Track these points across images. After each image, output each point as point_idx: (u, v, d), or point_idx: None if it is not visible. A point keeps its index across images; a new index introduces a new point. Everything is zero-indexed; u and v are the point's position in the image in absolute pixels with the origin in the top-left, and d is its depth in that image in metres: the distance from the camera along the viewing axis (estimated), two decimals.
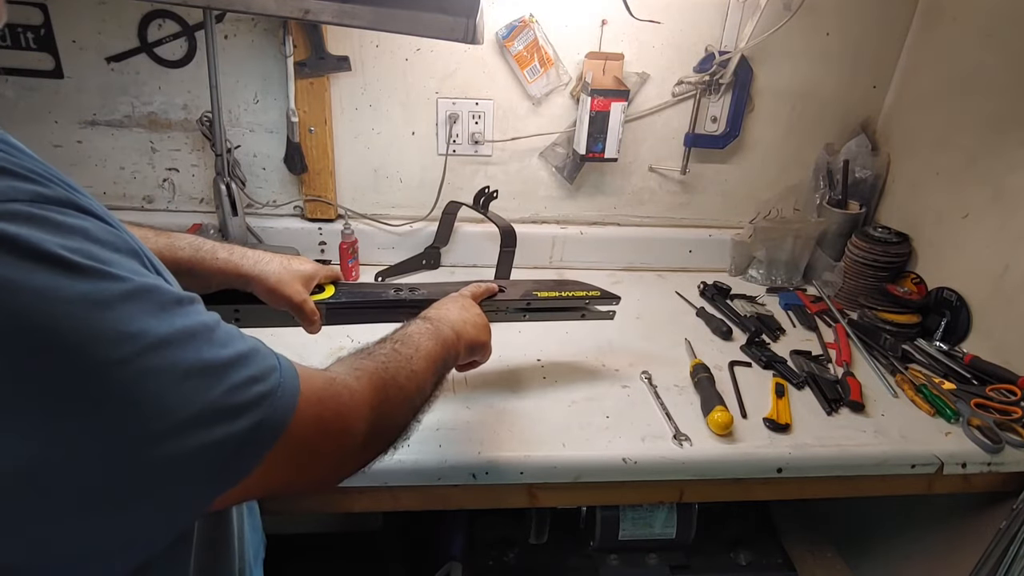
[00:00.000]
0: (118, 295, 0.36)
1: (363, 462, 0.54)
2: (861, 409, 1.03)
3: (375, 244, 1.40)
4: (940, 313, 1.24)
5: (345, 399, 0.50)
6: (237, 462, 0.41)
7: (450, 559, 1.26)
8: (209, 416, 0.39)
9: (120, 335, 0.36)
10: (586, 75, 1.29)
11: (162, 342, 0.37)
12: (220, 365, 0.40)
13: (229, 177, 1.24)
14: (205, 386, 0.39)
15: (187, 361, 0.38)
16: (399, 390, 0.58)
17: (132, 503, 0.37)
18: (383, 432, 0.56)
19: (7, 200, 0.34)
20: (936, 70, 1.31)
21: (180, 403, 0.37)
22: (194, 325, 0.40)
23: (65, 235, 0.35)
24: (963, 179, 1.23)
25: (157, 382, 0.37)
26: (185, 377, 0.38)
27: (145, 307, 0.37)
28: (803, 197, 1.48)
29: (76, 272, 0.35)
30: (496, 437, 0.91)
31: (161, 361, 0.37)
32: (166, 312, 0.39)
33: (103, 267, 0.36)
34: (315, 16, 0.98)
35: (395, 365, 0.59)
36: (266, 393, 0.42)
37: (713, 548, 1.33)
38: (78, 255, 0.35)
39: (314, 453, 0.47)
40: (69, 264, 0.34)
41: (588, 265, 1.48)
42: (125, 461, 0.36)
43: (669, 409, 0.99)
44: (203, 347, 0.40)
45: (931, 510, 1.19)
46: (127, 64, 1.23)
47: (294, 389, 0.45)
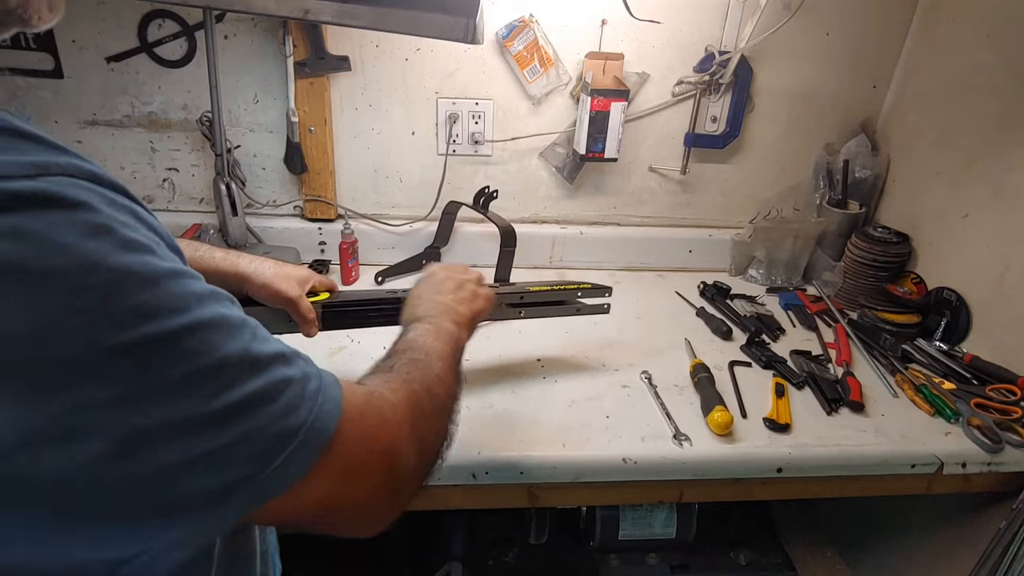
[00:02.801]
0: (165, 273, 0.36)
1: (418, 477, 0.53)
2: (861, 409, 1.03)
3: (375, 244, 1.40)
4: (940, 313, 1.24)
5: (387, 415, 0.49)
6: (284, 462, 0.39)
7: (450, 559, 1.26)
8: (255, 405, 0.38)
9: (167, 309, 0.35)
10: (586, 75, 1.29)
11: (205, 323, 0.37)
12: (265, 358, 0.40)
13: (229, 177, 1.24)
14: (243, 377, 0.38)
15: (228, 347, 0.38)
16: (432, 399, 0.56)
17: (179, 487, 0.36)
18: (428, 445, 0.54)
19: (68, 175, 0.34)
20: (936, 70, 1.31)
21: (216, 387, 0.37)
22: (234, 316, 0.40)
23: (119, 211, 0.36)
24: (963, 179, 1.23)
25: (196, 362, 0.36)
26: (225, 362, 0.37)
27: (187, 288, 0.37)
28: (803, 197, 1.48)
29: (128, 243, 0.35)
30: (496, 437, 0.91)
31: (200, 341, 0.36)
32: (207, 298, 0.38)
33: (153, 246, 0.36)
34: (315, 16, 0.98)
35: (419, 375, 0.57)
36: (311, 393, 0.42)
37: (713, 548, 1.33)
38: (126, 228, 0.35)
39: (363, 466, 0.45)
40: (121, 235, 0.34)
41: (588, 265, 1.48)
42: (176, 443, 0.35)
43: (669, 409, 0.99)
44: (247, 338, 0.39)
45: (931, 510, 1.19)
46: (127, 64, 1.23)
47: (336, 396, 0.44)
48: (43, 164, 0.33)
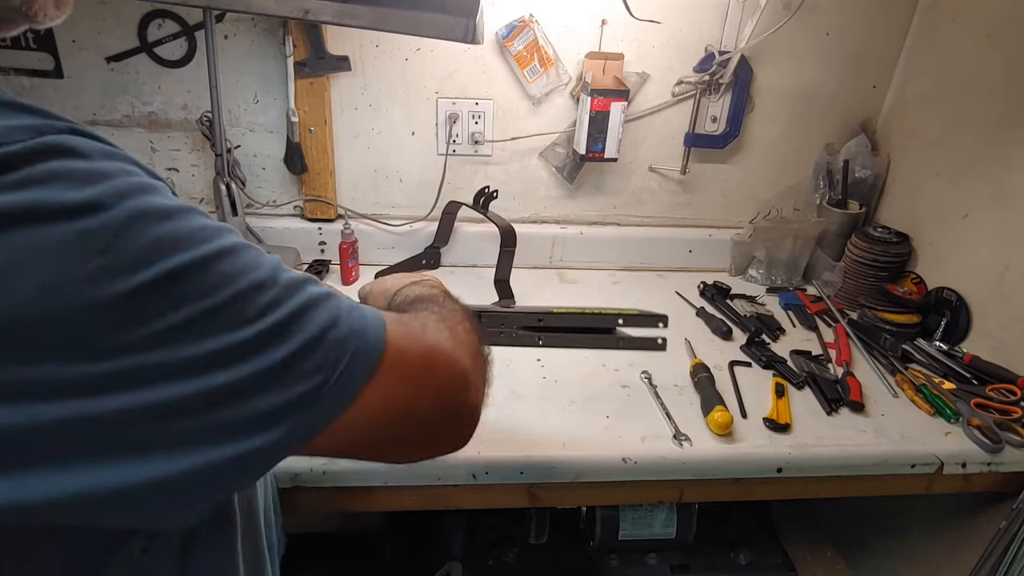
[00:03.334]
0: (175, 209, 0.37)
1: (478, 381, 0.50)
2: (861, 409, 1.03)
3: (375, 244, 1.40)
4: (940, 313, 1.24)
5: (430, 325, 0.49)
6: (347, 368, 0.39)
7: (450, 559, 1.26)
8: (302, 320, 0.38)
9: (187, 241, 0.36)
10: (586, 75, 1.29)
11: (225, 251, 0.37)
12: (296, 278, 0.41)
13: (229, 177, 1.24)
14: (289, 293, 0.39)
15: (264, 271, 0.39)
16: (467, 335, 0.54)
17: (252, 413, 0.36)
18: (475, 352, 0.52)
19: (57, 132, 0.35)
20: (936, 70, 1.31)
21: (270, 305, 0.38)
22: (253, 248, 0.41)
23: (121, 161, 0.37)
24: (963, 179, 1.23)
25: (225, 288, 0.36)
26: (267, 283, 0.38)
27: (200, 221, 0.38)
28: (803, 197, 1.48)
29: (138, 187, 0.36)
30: (496, 437, 0.91)
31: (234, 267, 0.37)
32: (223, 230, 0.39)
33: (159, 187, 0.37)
34: (315, 16, 0.98)
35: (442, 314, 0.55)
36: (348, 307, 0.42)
37: (713, 548, 1.33)
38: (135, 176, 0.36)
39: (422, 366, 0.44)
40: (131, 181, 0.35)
41: (588, 265, 1.48)
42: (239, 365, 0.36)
43: (669, 409, 0.99)
44: (275, 263, 0.40)
45: (931, 510, 1.19)
46: (127, 64, 1.23)
47: (373, 310, 0.44)
48: (40, 127, 0.34)
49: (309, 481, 0.85)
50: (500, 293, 1.23)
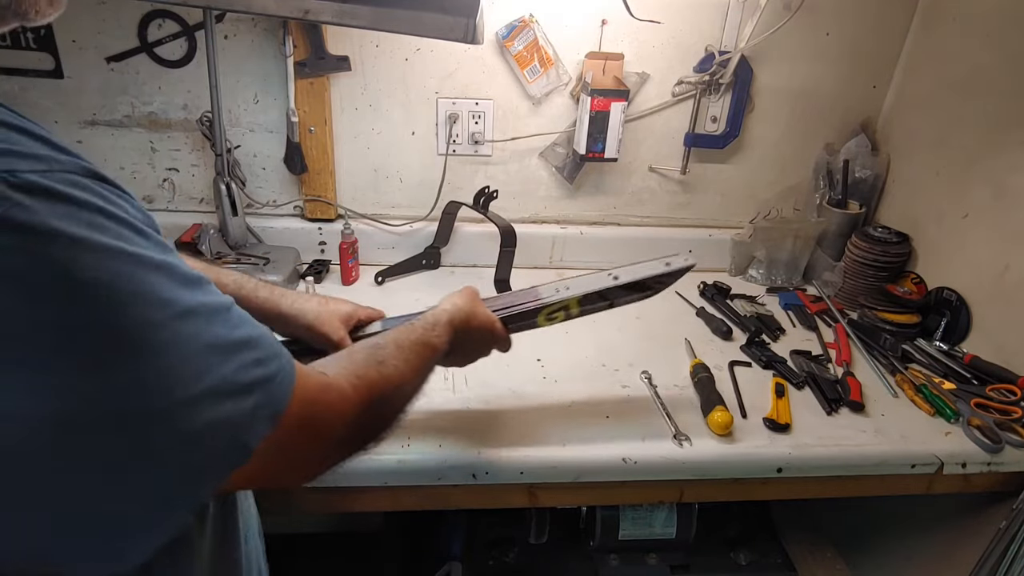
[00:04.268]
0: (155, 263, 0.39)
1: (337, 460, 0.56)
2: (861, 409, 1.03)
3: (375, 244, 1.40)
4: (940, 313, 1.24)
5: (336, 403, 0.52)
6: (244, 439, 0.42)
7: (450, 559, 1.26)
8: (222, 390, 0.41)
9: (159, 299, 0.38)
10: (586, 75, 1.29)
11: (188, 312, 0.40)
12: (233, 343, 0.42)
13: (229, 177, 1.24)
14: (219, 361, 0.41)
15: (207, 334, 0.41)
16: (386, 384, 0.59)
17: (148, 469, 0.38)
18: (361, 435, 0.58)
19: (67, 171, 0.36)
20: (936, 70, 1.31)
21: (198, 374, 0.39)
22: (212, 302, 0.42)
23: (113, 205, 0.38)
24: (963, 179, 1.23)
25: (181, 350, 0.39)
26: (205, 350, 0.40)
27: (175, 278, 0.40)
28: (803, 197, 1.48)
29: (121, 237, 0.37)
30: (496, 437, 0.91)
31: (187, 330, 0.39)
32: (189, 286, 0.41)
33: (135, 236, 0.38)
34: (315, 16, 0.98)
35: (389, 372, 0.60)
36: (270, 376, 0.45)
37: (713, 548, 1.33)
38: (121, 224, 0.38)
39: (301, 444, 0.49)
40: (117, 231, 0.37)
41: (588, 265, 1.48)
42: (147, 423, 0.37)
43: (669, 409, 0.99)
44: (220, 324, 0.42)
45: (931, 510, 1.19)
46: (127, 64, 1.23)
47: (292, 379, 0.47)
48: (47, 159, 0.35)
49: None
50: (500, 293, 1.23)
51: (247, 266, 1.23)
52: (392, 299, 1.29)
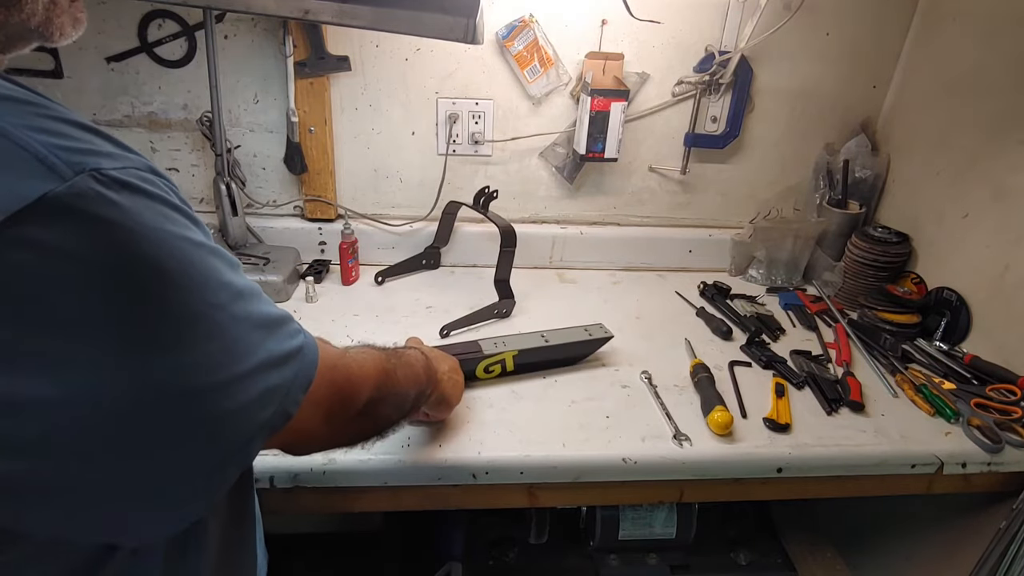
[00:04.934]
0: (212, 249, 0.42)
1: (357, 431, 0.61)
2: (861, 409, 1.03)
3: (375, 244, 1.40)
4: (940, 313, 1.24)
5: (354, 369, 0.58)
6: (286, 404, 0.47)
7: (450, 559, 1.26)
8: (270, 362, 0.45)
9: (220, 282, 0.42)
10: (586, 75, 1.29)
11: (240, 294, 0.43)
12: (273, 319, 0.47)
13: (229, 177, 1.24)
14: (265, 335, 0.45)
15: (255, 312, 0.45)
16: (396, 384, 0.65)
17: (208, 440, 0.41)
18: (377, 411, 0.62)
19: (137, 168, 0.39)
20: (936, 70, 1.31)
21: (252, 348, 0.44)
22: (252, 284, 0.46)
23: (174, 197, 0.41)
24: (963, 179, 1.23)
25: (239, 328, 0.43)
26: (255, 326, 0.44)
27: (226, 262, 0.43)
28: (803, 197, 1.48)
29: (188, 227, 0.41)
30: (496, 437, 0.91)
31: (241, 310, 0.43)
32: (236, 270, 0.45)
33: (192, 224, 0.42)
34: (315, 16, 0.98)
35: (395, 364, 0.66)
36: (301, 346, 0.49)
37: (713, 548, 1.33)
38: (184, 214, 0.41)
39: (322, 409, 0.52)
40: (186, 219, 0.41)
41: (588, 265, 1.48)
42: (210, 397, 0.40)
43: (669, 409, 0.99)
44: (262, 303, 0.46)
45: (931, 510, 1.19)
46: (127, 64, 1.23)
47: (315, 352, 0.51)
48: (123, 157, 0.39)
49: (309, 481, 0.85)
50: (500, 293, 1.23)
51: (247, 266, 1.23)
52: (392, 299, 1.29)
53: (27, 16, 0.42)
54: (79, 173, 0.35)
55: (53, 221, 0.33)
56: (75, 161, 0.35)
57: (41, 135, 0.35)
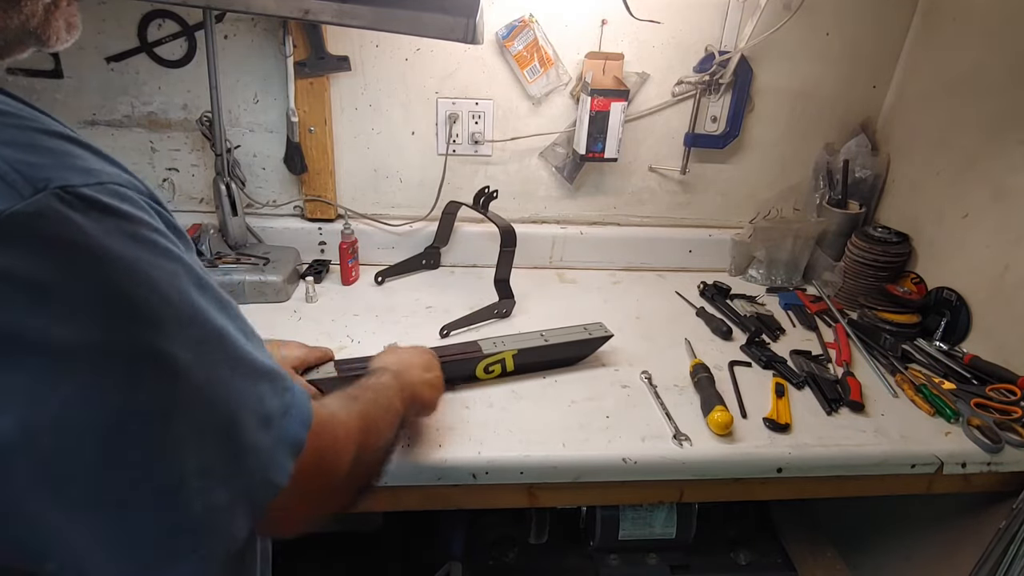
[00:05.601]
0: (195, 281, 0.39)
1: (341, 500, 0.56)
2: (861, 409, 1.03)
3: (375, 244, 1.40)
4: (940, 313, 1.24)
5: (340, 434, 0.54)
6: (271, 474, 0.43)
7: (450, 559, 1.26)
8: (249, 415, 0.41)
9: (196, 318, 0.39)
10: (586, 75, 1.29)
11: (220, 333, 0.40)
12: (263, 368, 0.44)
13: (229, 177, 1.24)
14: (247, 385, 0.42)
15: (238, 353, 0.41)
16: (378, 435, 0.61)
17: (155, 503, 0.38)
18: (361, 473, 0.58)
19: (116, 183, 0.37)
20: (936, 70, 1.31)
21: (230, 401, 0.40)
22: (242, 327, 0.43)
23: (155, 221, 0.39)
24: (963, 179, 1.23)
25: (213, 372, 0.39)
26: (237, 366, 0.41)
27: (210, 298, 0.40)
28: (803, 197, 1.48)
29: (167, 254, 0.38)
30: (496, 437, 0.91)
31: (219, 349, 0.40)
32: (225, 308, 0.42)
33: (178, 252, 0.39)
34: (315, 16, 0.98)
35: (376, 413, 0.63)
36: (293, 404, 0.46)
37: (713, 548, 1.33)
38: (164, 239, 0.38)
39: (311, 478, 0.48)
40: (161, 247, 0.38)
41: (588, 265, 1.48)
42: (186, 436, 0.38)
43: (669, 409, 0.99)
44: (251, 348, 0.43)
45: (931, 510, 1.19)
46: (127, 64, 1.23)
47: (308, 412, 0.48)
48: (97, 172, 0.36)
49: None
50: (500, 293, 1.23)
51: (247, 266, 1.23)
52: (392, 299, 1.29)
53: (26, 18, 0.41)
54: (41, 191, 0.32)
55: (9, 242, 0.31)
56: (39, 177, 0.33)
57: (8, 149, 0.33)
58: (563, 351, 1.06)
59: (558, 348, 1.05)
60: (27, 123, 0.35)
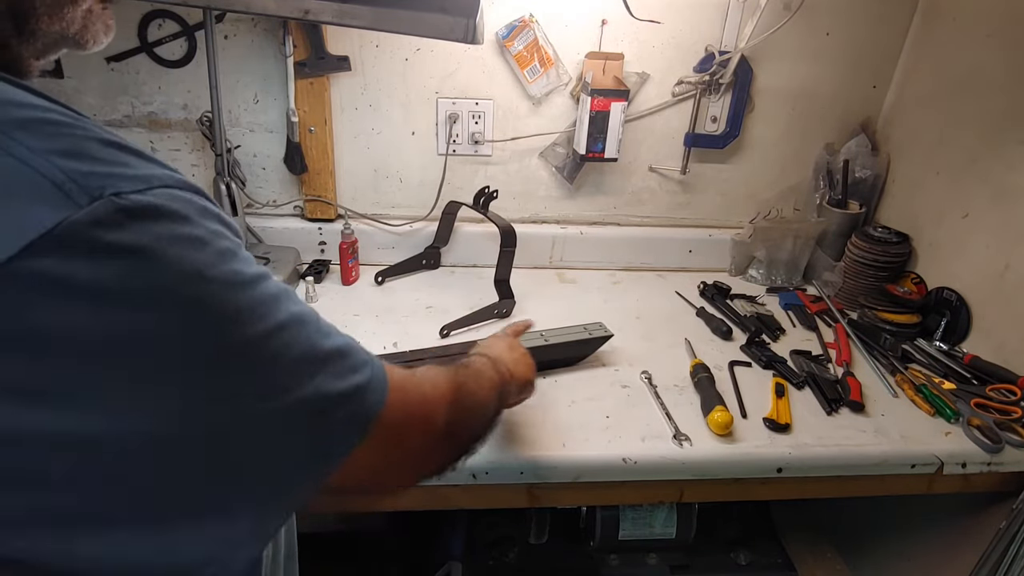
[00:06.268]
0: (251, 276, 0.39)
1: (444, 455, 0.57)
2: (861, 409, 1.03)
3: (375, 244, 1.40)
4: (940, 313, 1.24)
5: (427, 390, 0.54)
6: (336, 445, 0.44)
7: (450, 559, 1.26)
8: (314, 399, 0.42)
9: (255, 314, 0.39)
10: (586, 75, 1.29)
11: (283, 325, 0.40)
12: (326, 352, 0.43)
13: (229, 177, 1.24)
14: (313, 370, 0.42)
15: (302, 345, 0.42)
16: (472, 395, 0.62)
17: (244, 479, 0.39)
18: (460, 429, 0.58)
19: (166, 186, 0.37)
20: (936, 70, 1.31)
21: (294, 383, 0.40)
22: (303, 312, 0.43)
23: (210, 218, 0.39)
24: (963, 179, 1.23)
25: (279, 362, 0.40)
26: (300, 359, 0.41)
27: (268, 289, 0.40)
28: (803, 197, 1.48)
29: (222, 254, 0.38)
30: (496, 437, 0.91)
31: (282, 343, 0.40)
32: (282, 298, 0.42)
33: (235, 249, 0.39)
34: (315, 16, 0.98)
35: (465, 376, 0.63)
36: (362, 384, 0.45)
37: (713, 548, 1.33)
38: (219, 238, 0.38)
39: (400, 438, 0.49)
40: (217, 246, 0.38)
41: (588, 265, 1.48)
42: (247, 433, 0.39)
43: (669, 409, 0.99)
44: (312, 334, 0.43)
45: (931, 510, 1.19)
46: (127, 64, 1.23)
47: (384, 381, 0.48)
48: (148, 177, 0.36)
49: None
50: (500, 293, 1.23)
51: None
52: (392, 299, 1.29)
53: (67, 24, 0.42)
54: (97, 199, 0.33)
55: (70, 252, 0.32)
56: (94, 186, 0.33)
57: (62, 159, 0.33)
58: (563, 351, 1.06)
59: (558, 348, 1.05)
60: (80, 132, 0.36)
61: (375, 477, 0.49)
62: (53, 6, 0.41)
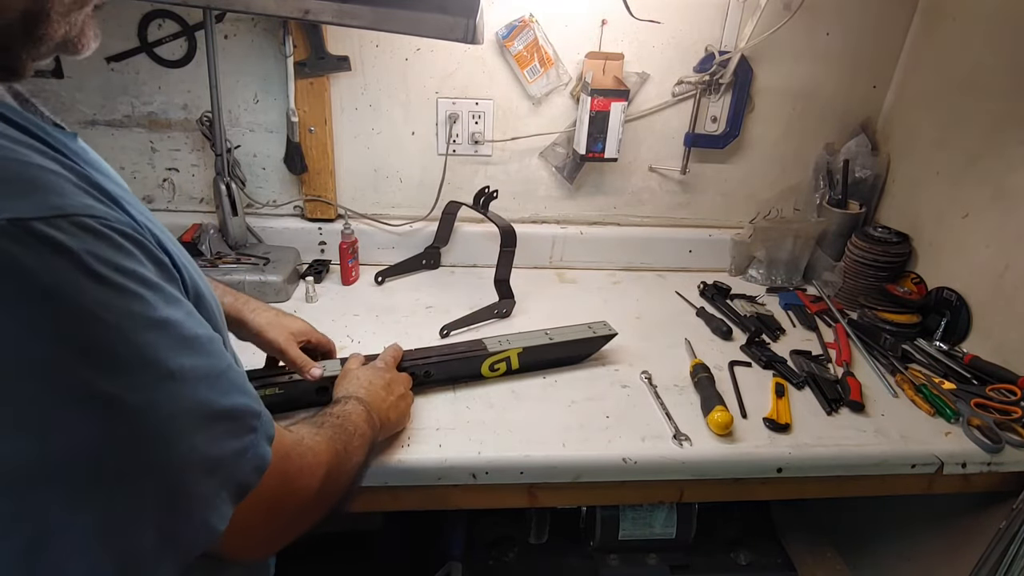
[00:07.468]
0: (150, 321, 0.38)
1: (311, 521, 0.57)
2: (861, 409, 1.03)
3: (375, 244, 1.40)
4: (940, 313, 1.24)
5: (309, 459, 0.56)
6: (213, 509, 0.43)
7: (450, 559, 1.26)
8: (192, 461, 0.41)
9: (143, 361, 0.38)
10: (586, 75, 1.29)
11: (172, 376, 0.40)
12: (212, 413, 0.43)
13: (229, 177, 1.24)
14: (194, 429, 0.41)
15: (186, 401, 0.41)
16: (348, 459, 0.64)
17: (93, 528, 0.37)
18: (331, 494, 0.59)
19: (79, 215, 0.36)
20: (936, 70, 1.31)
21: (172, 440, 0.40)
22: (203, 366, 0.42)
23: (118, 253, 0.37)
24: (963, 179, 1.23)
25: (156, 415, 0.39)
26: (182, 416, 0.40)
27: (169, 337, 0.40)
28: (803, 197, 1.48)
29: (117, 291, 0.37)
30: (496, 437, 0.91)
31: (163, 396, 0.39)
32: (183, 347, 0.41)
33: (140, 290, 0.38)
34: (315, 16, 0.98)
35: (345, 440, 0.65)
36: (242, 450, 0.45)
37: (713, 548, 1.33)
38: (121, 275, 0.37)
39: (276, 505, 0.50)
40: (112, 283, 0.36)
41: (588, 265, 1.48)
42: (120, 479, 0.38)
43: (669, 409, 0.99)
44: (203, 390, 0.42)
45: (931, 510, 1.19)
46: (127, 64, 1.23)
47: (266, 452, 0.48)
48: (63, 205, 0.35)
49: None
50: (500, 293, 1.23)
51: (247, 266, 1.23)
52: (392, 299, 1.29)
53: (70, 27, 0.42)
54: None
55: None
56: None
57: None
58: (567, 349, 1.07)
59: (562, 347, 1.05)
60: (7, 154, 0.35)
61: (247, 541, 0.49)
62: (64, 12, 0.41)
